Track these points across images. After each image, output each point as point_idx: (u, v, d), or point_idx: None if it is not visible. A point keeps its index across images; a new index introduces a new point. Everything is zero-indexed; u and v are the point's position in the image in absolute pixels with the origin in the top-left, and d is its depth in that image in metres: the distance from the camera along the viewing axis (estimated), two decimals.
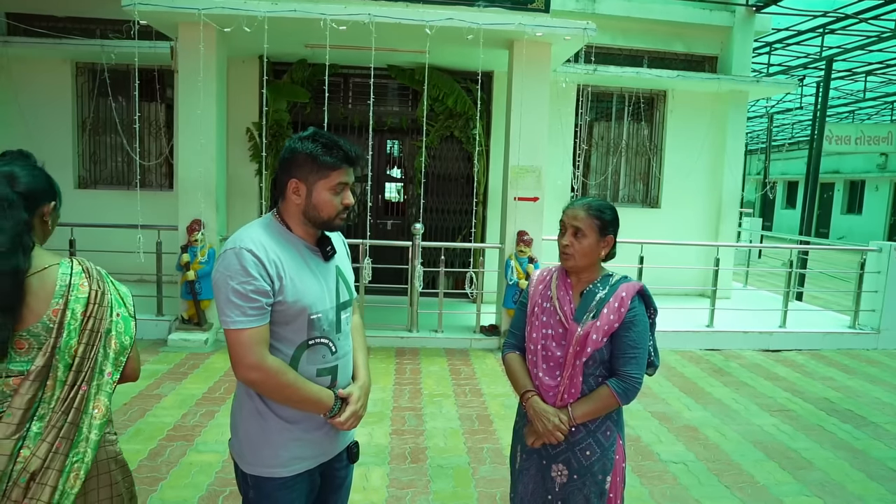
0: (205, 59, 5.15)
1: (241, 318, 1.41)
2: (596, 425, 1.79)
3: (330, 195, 1.52)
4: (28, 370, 1.29)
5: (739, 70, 7.84)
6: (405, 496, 3.01)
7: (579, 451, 1.79)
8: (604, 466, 1.78)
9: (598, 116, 8.05)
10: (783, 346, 6.17)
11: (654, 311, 1.84)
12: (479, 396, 4.47)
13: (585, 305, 1.78)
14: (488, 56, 5.84)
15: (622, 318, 1.73)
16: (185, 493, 2.95)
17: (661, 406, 4.41)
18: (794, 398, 4.70)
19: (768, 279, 10.84)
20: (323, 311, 1.55)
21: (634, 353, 1.75)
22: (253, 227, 1.54)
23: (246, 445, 1.56)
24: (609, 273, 1.86)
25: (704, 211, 8.12)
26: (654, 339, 1.86)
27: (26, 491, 1.25)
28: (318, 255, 1.59)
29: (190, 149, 5.35)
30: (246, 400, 1.55)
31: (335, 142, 1.51)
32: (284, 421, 1.53)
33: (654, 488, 3.18)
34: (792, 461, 3.59)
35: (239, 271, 1.42)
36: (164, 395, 4.22)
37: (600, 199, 1.89)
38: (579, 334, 1.74)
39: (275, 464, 1.53)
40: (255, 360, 1.43)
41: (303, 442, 1.56)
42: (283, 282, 1.46)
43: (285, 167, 1.53)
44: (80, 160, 7.31)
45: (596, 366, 1.76)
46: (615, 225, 1.83)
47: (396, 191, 8.05)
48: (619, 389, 1.74)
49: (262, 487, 1.54)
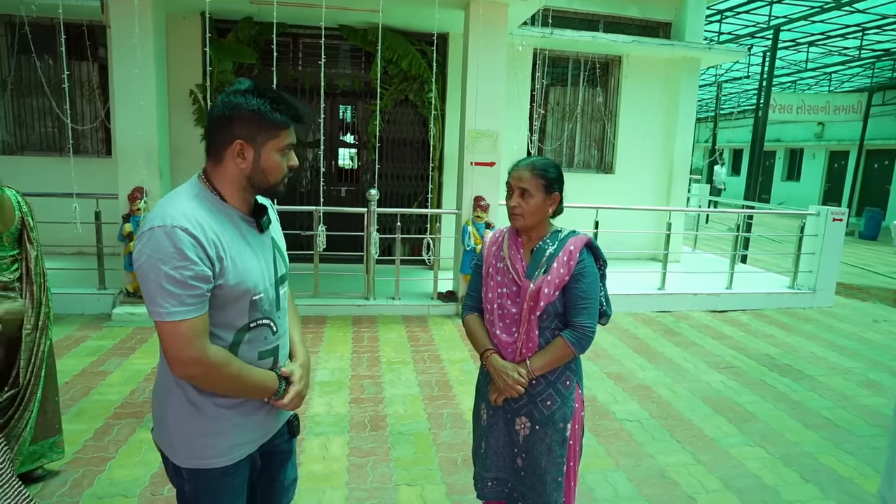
0: (139, 13, 4.78)
1: (179, 307, 1.23)
2: (556, 376, 1.84)
3: (278, 157, 1.37)
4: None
5: (692, 37, 7.92)
6: (366, 464, 2.99)
7: (540, 402, 1.84)
8: (564, 414, 1.84)
9: (554, 81, 8.00)
10: (729, 307, 6.44)
11: (603, 262, 1.87)
12: (438, 363, 4.47)
13: (536, 262, 1.81)
14: (444, 16, 5.66)
15: (571, 270, 1.78)
16: (136, 471, 2.83)
17: (616, 367, 4.53)
18: (739, 356, 4.92)
19: (715, 243, 11.26)
20: (264, 290, 1.40)
21: (585, 304, 1.79)
22: (179, 197, 1.32)
23: (177, 438, 1.40)
24: (558, 229, 1.89)
25: (657, 176, 8.28)
26: (605, 290, 1.91)
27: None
28: (254, 226, 1.42)
29: (128, 112, 5.00)
30: (174, 388, 1.38)
31: (282, 97, 1.35)
32: (221, 408, 1.38)
33: (610, 446, 3.28)
34: (737, 415, 3.77)
35: (173, 254, 1.22)
36: (110, 371, 4.03)
37: (544, 158, 1.90)
38: (532, 290, 1.78)
39: (213, 454, 1.39)
40: (196, 355, 1.26)
41: (243, 427, 1.42)
42: (223, 263, 1.29)
43: (224, 125, 1.32)
44: (4, 124, 6.76)
45: (550, 319, 1.80)
46: (560, 182, 1.86)
47: (350, 157, 7.84)
48: (573, 339, 1.78)
49: (201, 479, 1.41)
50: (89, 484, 2.72)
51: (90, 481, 2.74)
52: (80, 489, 2.68)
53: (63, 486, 2.69)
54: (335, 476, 2.87)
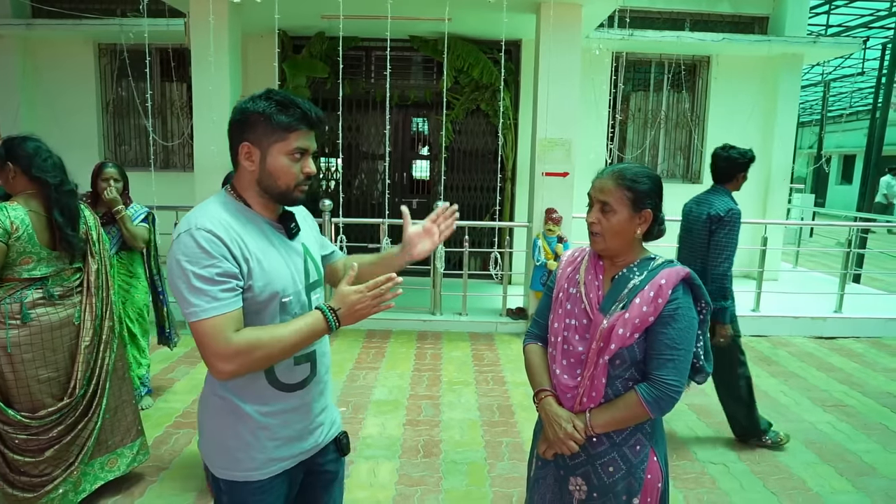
0: (216, 33, 4.96)
1: (211, 304, 1.24)
2: (623, 437, 1.50)
3: (287, 161, 1.35)
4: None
5: (794, 31, 7.17)
6: (414, 494, 2.80)
7: (601, 465, 1.51)
8: (629, 486, 1.49)
9: (636, 86, 7.54)
10: (838, 333, 5.66)
11: (705, 305, 1.51)
12: (501, 385, 4.21)
13: (616, 293, 1.48)
14: (515, 22, 5.46)
15: (659, 310, 1.42)
16: (186, 484, 2.82)
17: (700, 397, 4.06)
18: (852, 392, 4.27)
19: (822, 259, 10.14)
20: (294, 293, 1.40)
21: (672, 356, 1.43)
22: (206, 205, 1.36)
23: (215, 448, 1.41)
24: (650, 256, 1.54)
25: (751, 186, 7.50)
26: (704, 339, 1.54)
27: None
28: (283, 232, 1.43)
29: (205, 128, 5.20)
30: (212, 397, 1.40)
31: (292, 100, 1.35)
32: (259, 418, 1.37)
33: (689, 492, 2.87)
34: (851, 465, 3.20)
35: (199, 254, 1.25)
36: (178, 379, 4.13)
37: (638, 165, 1.56)
38: (604, 327, 1.45)
39: (249, 467, 1.38)
40: (227, 348, 1.24)
41: (280, 441, 1.41)
42: (249, 264, 1.31)
43: (236, 130, 1.37)
44: (105, 142, 7.31)
45: (626, 367, 1.47)
46: (654, 196, 1.50)
47: (422, 169, 7.78)
48: (649, 397, 1.43)
49: (236, 492, 1.41)
50: (140, 494, 2.73)
51: (142, 491, 2.75)
52: (131, 499, 2.70)
53: (117, 494, 2.72)
54: None
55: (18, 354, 2.32)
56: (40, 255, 2.36)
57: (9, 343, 2.29)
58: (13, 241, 2.27)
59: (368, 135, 7.18)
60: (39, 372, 2.36)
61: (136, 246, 3.42)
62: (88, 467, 2.56)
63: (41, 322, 2.36)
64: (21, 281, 2.33)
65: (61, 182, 2.43)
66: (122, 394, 2.70)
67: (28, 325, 2.33)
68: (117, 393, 2.66)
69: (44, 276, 2.38)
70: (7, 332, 2.29)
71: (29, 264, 2.34)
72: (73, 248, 2.46)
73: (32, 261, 2.35)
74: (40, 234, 2.36)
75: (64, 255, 2.45)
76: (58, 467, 2.43)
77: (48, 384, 2.39)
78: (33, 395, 2.35)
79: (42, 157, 2.40)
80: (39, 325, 2.36)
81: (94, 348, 2.54)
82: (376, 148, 7.13)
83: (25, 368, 2.33)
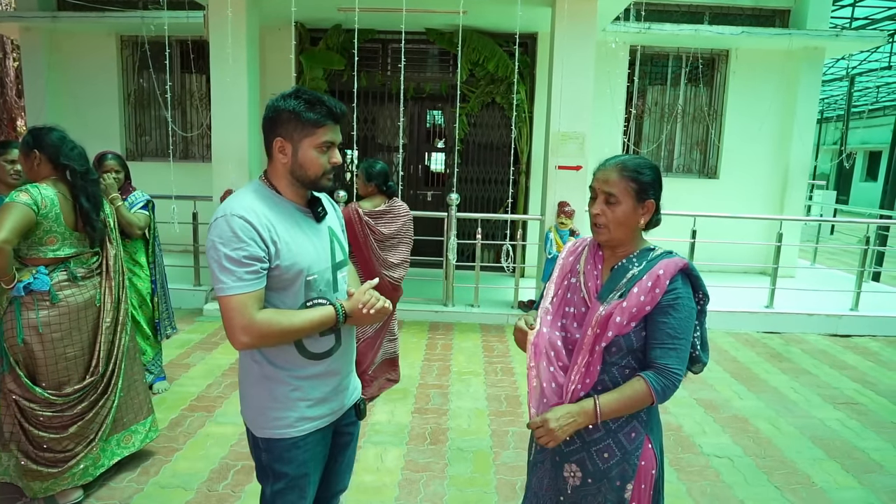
0: (233, 25, 5.05)
1: (237, 283, 1.41)
2: (618, 425, 1.52)
3: (316, 153, 1.52)
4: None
5: (816, 24, 7.04)
6: (419, 479, 2.86)
7: (596, 451, 1.53)
8: (623, 472, 1.52)
9: (653, 80, 7.47)
10: (854, 331, 5.60)
11: (703, 296, 1.53)
12: (510, 375, 4.26)
13: (614, 283, 1.51)
14: (530, 15, 5.45)
15: (656, 300, 1.45)
16: (199, 464, 2.91)
17: (709, 392, 4.06)
18: (864, 390, 4.23)
19: (841, 257, 9.98)
20: (319, 272, 1.56)
21: (675, 344, 1.46)
22: (242, 193, 1.53)
23: (256, 410, 1.59)
24: (650, 247, 1.56)
25: (768, 182, 7.46)
26: (702, 330, 1.56)
27: None
28: (310, 216, 1.59)
29: (223, 119, 5.30)
30: (252, 366, 1.57)
31: (319, 98, 1.50)
32: (290, 381, 1.55)
33: (692, 484, 2.89)
34: (857, 462, 3.19)
35: (231, 238, 1.41)
36: (193, 364, 4.24)
37: (639, 156, 1.58)
38: (600, 314, 1.47)
39: (284, 424, 1.56)
40: (245, 322, 1.42)
41: (311, 402, 1.58)
42: (277, 246, 1.47)
43: (269, 126, 1.52)
44: (126, 132, 7.46)
45: (622, 354, 1.49)
46: (656, 187, 1.53)
47: (438, 161, 7.81)
48: (658, 386, 1.45)
49: (274, 449, 1.58)
50: (156, 472, 2.83)
51: (157, 469, 2.85)
52: (146, 477, 2.79)
53: (133, 472, 2.82)
54: (386, 489, 2.77)
55: (48, 334, 2.43)
56: (65, 236, 2.47)
57: (39, 323, 2.41)
58: (41, 219, 2.37)
59: (384, 127, 7.23)
60: (67, 350, 2.48)
61: (133, 233, 3.43)
62: (106, 444, 2.67)
63: (69, 303, 2.48)
64: (45, 261, 2.44)
65: (87, 171, 2.54)
66: (134, 373, 2.82)
67: (57, 306, 2.44)
68: (130, 372, 2.77)
69: (67, 256, 2.48)
70: (37, 313, 2.41)
71: (54, 244, 2.44)
72: (97, 233, 2.57)
73: (57, 241, 2.45)
74: (66, 215, 2.47)
75: (85, 238, 2.56)
76: (79, 444, 2.54)
77: (74, 362, 2.51)
78: (60, 372, 2.47)
79: (69, 146, 2.51)
80: (67, 306, 2.47)
81: (113, 329, 2.64)
82: (392, 140, 7.19)
83: (55, 347, 2.45)
